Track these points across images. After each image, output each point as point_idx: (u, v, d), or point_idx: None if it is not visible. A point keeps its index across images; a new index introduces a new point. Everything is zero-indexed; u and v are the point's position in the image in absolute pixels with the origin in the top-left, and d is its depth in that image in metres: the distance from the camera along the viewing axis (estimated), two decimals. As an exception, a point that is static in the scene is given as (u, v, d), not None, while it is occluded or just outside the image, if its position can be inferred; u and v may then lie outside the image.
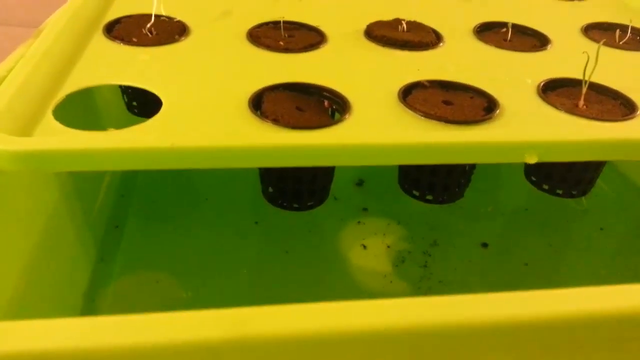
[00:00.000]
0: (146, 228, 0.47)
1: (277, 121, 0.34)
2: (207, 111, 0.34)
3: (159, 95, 0.36)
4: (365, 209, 0.49)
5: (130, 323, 0.20)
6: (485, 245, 0.46)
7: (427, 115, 0.35)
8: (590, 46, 0.47)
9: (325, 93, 0.38)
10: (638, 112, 0.37)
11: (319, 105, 0.37)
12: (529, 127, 0.34)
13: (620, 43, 0.48)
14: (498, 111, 0.36)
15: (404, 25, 0.47)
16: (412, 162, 0.31)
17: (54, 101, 0.35)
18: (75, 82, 0.37)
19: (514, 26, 0.48)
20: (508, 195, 0.53)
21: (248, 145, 0.30)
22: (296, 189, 0.38)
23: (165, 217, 0.48)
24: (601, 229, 0.49)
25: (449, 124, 0.34)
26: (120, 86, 0.48)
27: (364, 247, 0.45)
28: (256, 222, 0.48)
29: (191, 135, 0.31)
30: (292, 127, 0.33)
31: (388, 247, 0.45)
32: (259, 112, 0.35)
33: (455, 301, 0.22)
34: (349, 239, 0.46)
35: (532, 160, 0.31)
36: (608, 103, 0.39)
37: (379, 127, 0.34)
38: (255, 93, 0.37)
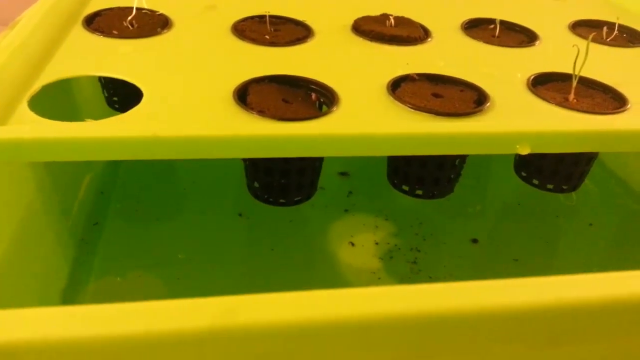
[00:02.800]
0: (127, 225, 0.46)
1: (262, 112, 0.33)
2: (190, 102, 0.33)
3: (139, 87, 0.35)
4: (353, 205, 0.48)
5: (117, 312, 0.19)
6: (475, 241, 0.46)
7: (417, 107, 0.34)
8: (578, 42, 0.47)
9: (312, 86, 0.37)
10: (629, 105, 0.37)
11: (306, 98, 0.36)
12: (520, 119, 0.34)
13: (608, 40, 0.48)
14: (489, 104, 0.35)
15: (392, 21, 0.46)
16: (402, 153, 0.30)
17: (30, 92, 0.33)
18: (53, 73, 0.36)
19: (502, 23, 0.48)
20: (497, 191, 0.52)
21: (233, 135, 0.29)
22: (283, 183, 0.37)
23: (147, 214, 0.47)
24: (590, 224, 0.49)
25: (439, 117, 0.34)
26: (100, 80, 0.47)
27: (352, 244, 0.44)
28: (240, 215, 0.46)
29: (173, 124, 0.30)
30: (278, 118, 0.32)
31: (376, 243, 0.44)
32: (244, 104, 0.34)
33: (446, 289, 0.21)
34: (336, 234, 0.45)
35: (525, 151, 0.31)
36: (598, 97, 0.38)
37: (368, 119, 0.33)
38: (240, 85, 0.36)
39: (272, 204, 0.38)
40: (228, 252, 0.44)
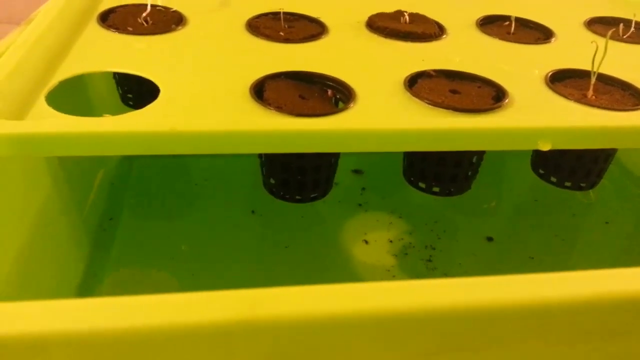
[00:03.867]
0: (141, 220, 0.46)
1: (280, 108, 0.32)
2: (207, 98, 0.33)
3: (156, 83, 0.35)
4: (366, 202, 0.48)
5: (138, 304, 0.19)
6: (490, 239, 0.45)
7: (435, 103, 0.34)
8: (595, 39, 0.47)
9: (328, 82, 0.37)
10: (648, 102, 0.36)
11: (322, 94, 0.36)
12: (540, 116, 0.33)
13: (624, 37, 0.48)
14: (507, 100, 0.35)
15: (406, 17, 0.46)
16: (422, 149, 0.30)
17: (47, 87, 0.33)
18: (69, 68, 0.36)
19: (517, 20, 0.48)
20: (513, 189, 0.52)
21: (252, 130, 0.28)
22: (299, 180, 0.37)
23: (161, 210, 0.47)
24: (607, 222, 0.48)
25: (457, 112, 0.33)
26: (115, 77, 0.47)
27: (366, 241, 0.44)
28: (253, 212, 0.46)
29: (191, 120, 0.30)
30: (296, 114, 0.32)
31: (390, 241, 0.44)
32: (261, 100, 0.34)
33: (463, 284, 0.21)
34: (350, 232, 0.45)
35: (546, 147, 0.30)
36: (617, 93, 0.38)
37: (386, 115, 0.32)
38: (256, 81, 0.35)
39: (288, 200, 0.38)
40: (242, 249, 0.44)
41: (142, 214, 0.46)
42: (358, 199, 0.48)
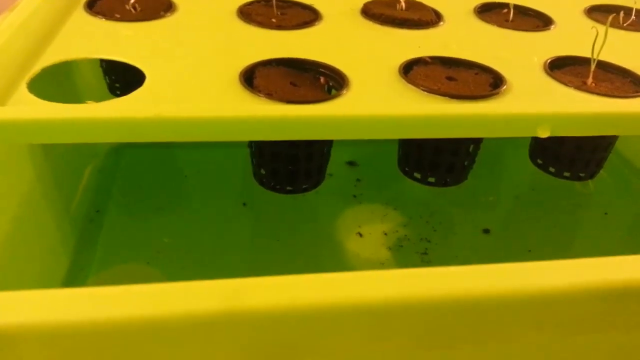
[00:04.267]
0: (129, 215, 0.45)
1: (270, 95, 0.31)
2: (194, 85, 0.32)
3: (142, 70, 0.33)
4: (361, 194, 0.47)
5: (126, 294, 0.19)
6: (487, 231, 0.44)
7: (431, 90, 0.33)
8: (595, 26, 0.46)
9: (321, 69, 0.36)
10: (650, 89, 0.35)
11: (314, 81, 0.35)
12: (539, 102, 0.32)
13: (625, 25, 0.47)
14: (505, 87, 0.34)
15: (403, 4, 0.45)
16: (417, 136, 0.29)
17: (29, 73, 0.32)
18: (53, 55, 0.35)
19: (516, 7, 0.47)
20: (511, 180, 0.51)
21: (240, 116, 0.27)
22: (290, 169, 0.36)
23: (150, 204, 0.46)
24: (605, 213, 0.47)
25: (454, 99, 0.32)
26: (102, 66, 0.46)
27: (360, 234, 0.43)
28: (244, 204, 0.45)
29: (177, 106, 0.28)
30: (286, 101, 0.31)
31: (385, 233, 0.43)
32: (251, 87, 0.33)
33: (461, 272, 0.20)
34: (344, 224, 0.44)
35: (545, 133, 0.29)
36: (617, 81, 0.37)
37: (379, 101, 0.31)
38: (246, 68, 0.34)
39: (279, 191, 0.37)
40: (232, 242, 0.43)
41: (130, 206, 0.45)
42: (352, 191, 0.47)
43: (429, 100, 0.32)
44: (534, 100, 0.32)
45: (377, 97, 0.32)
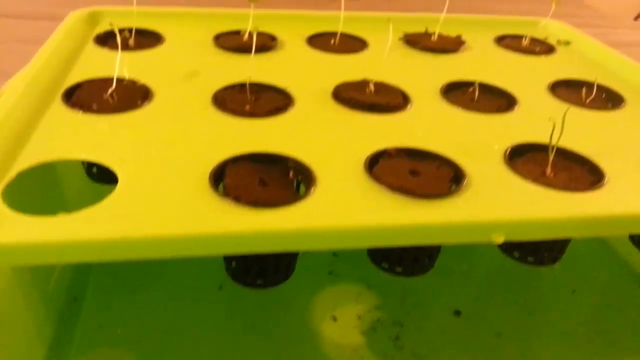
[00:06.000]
0: (107, 297, 0.45)
1: (238, 199, 0.33)
2: (165, 189, 0.33)
3: (114, 171, 0.35)
4: (335, 275, 0.48)
5: None
6: (458, 313, 0.45)
7: (394, 188, 0.34)
8: (558, 106, 0.48)
9: (289, 164, 0.37)
10: (604, 181, 0.37)
11: (283, 176, 0.36)
12: (495, 202, 0.34)
13: (587, 102, 0.49)
14: (465, 182, 0.35)
15: (371, 87, 0.47)
16: (376, 245, 0.30)
17: (4, 181, 0.33)
18: (28, 157, 0.36)
19: (481, 85, 0.49)
20: (480, 261, 0.52)
21: (205, 233, 0.28)
22: (259, 266, 0.37)
23: (127, 285, 0.46)
24: (573, 291, 0.48)
25: (415, 198, 0.33)
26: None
27: (334, 318, 0.44)
28: (220, 288, 0.46)
29: (145, 221, 0.29)
30: (253, 204, 0.32)
31: (359, 317, 0.44)
32: (220, 187, 0.34)
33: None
34: (318, 308, 0.45)
35: (499, 240, 0.31)
36: (575, 170, 0.38)
37: (344, 205, 0.33)
38: (216, 167, 0.36)
39: (250, 285, 0.38)
40: (208, 327, 0.44)
41: (107, 290, 0.46)
42: (326, 273, 0.48)
43: (391, 201, 0.33)
44: (490, 200, 0.34)
45: (341, 199, 0.33)
